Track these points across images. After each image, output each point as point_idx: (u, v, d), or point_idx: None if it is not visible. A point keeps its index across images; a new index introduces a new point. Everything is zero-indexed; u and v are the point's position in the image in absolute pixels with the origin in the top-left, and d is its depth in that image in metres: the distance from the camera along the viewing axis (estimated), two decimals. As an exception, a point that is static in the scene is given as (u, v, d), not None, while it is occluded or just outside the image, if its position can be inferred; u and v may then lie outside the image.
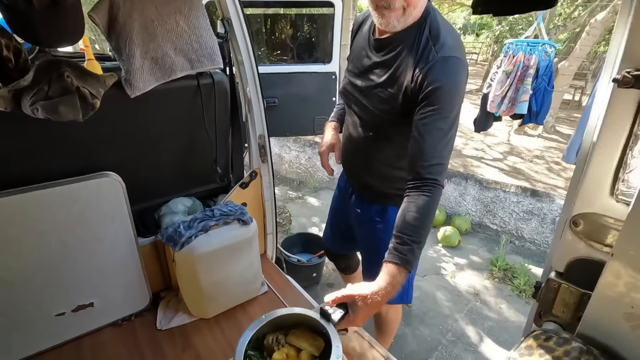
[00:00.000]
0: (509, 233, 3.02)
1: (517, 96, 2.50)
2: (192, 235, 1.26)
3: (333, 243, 1.67)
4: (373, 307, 0.80)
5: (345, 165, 1.39)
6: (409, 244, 0.86)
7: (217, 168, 1.38)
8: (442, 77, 0.91)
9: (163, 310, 1.42)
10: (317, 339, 0.85)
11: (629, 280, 0.53)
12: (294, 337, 0.84)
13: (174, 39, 1.11)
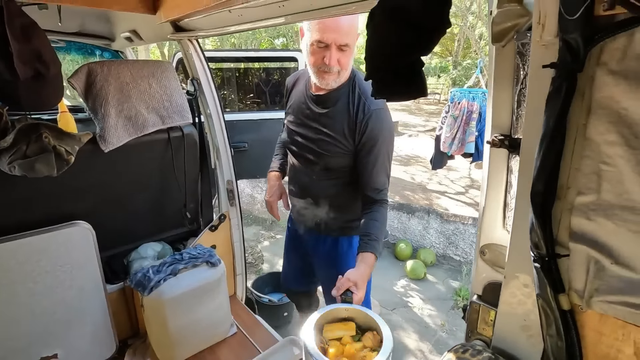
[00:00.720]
0: (470, 264, 3.19)
1: (465, 137, 2.78)
2: (161, 280, 1.31)
3: (294, 281, 1.74)
4: (365, 284, 1.09)
5: (296, 208, 1.51)
6: (377, 239, 1.19)
7: (186, 213, 1.46)
8: (379, 124, 1.20)
9: (130, 358, 1.42)
10: (347, 324, 0.97)
11: (520, 297, 0.66)
12: (329, 332, 0.94)
13: (147, 99, 1.24)
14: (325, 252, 1.46)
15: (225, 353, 1.45)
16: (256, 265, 3.12)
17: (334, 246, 1.45)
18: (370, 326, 0.96)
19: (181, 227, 1.63)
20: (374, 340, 0.93)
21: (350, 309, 0.98)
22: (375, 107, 1.20)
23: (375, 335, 0.94)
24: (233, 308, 1.69)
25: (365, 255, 1.16)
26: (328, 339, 0.91)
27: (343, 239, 1.44)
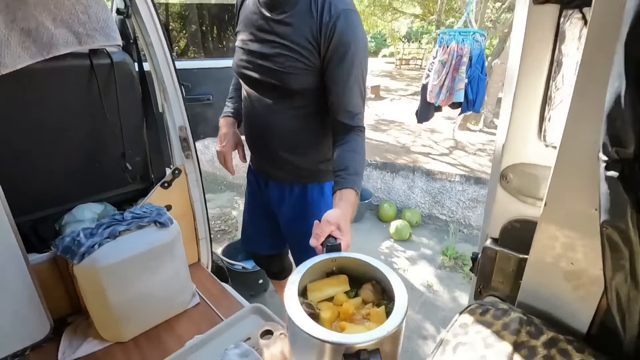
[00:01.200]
0: (457, 222, 3.06)
1: (454, 85, 2.55)
2: (95, 244, 1.06)
3: (259, 244, 1.49)
4: (349, 226, 0.87)
5: (256, 153, 1.26)
6: (357, 173, 0.96)
7: (126, 164, 1.19)
8: (351, 28, 0.96)
9: (69, 339, 1.19)
10: (337, 278, 0.76)
11: (566, 234, 0.45)
12: (317, 292, 0.73)
13: (52, 8, 0.93)
14: (292, 205, 1.22)
15: (184, 326, 1.24)
16: (230, 233, 2.89)
17: (302, 196, 1.20)
18: (367, 276, 0.76)
19: (127, 185, 1.37)
20: (375, 291, 0.73)
21: (338, 258, 0.76)
22: (343, 7, 0.95)
23: (375, 286, 0.74)
24: (196, 276, 1.48)
25: (345, 192, 0.93)
26: (317, 302, 0.70)
27: (313, 187, 1.20)
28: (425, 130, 7.01)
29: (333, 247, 0.79)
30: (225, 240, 2.74)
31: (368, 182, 3.34)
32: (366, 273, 0.76)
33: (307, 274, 0.72)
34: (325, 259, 0.75)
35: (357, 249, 2.09)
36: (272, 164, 1.20)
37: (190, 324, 1.26)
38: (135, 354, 1.15)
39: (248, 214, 1.42)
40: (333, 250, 0.78)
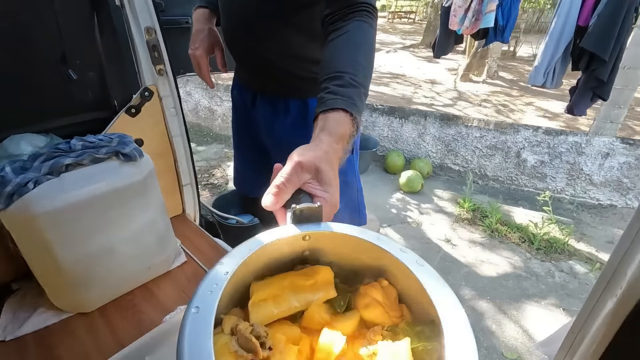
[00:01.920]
0: (471, 172, 2.80)
1: (482, 8, 2.16)
2: (29, 182, 0.73)
3: (249, 184, 1.20)
4: (337, 176, 0.49)
5: (239, 57, 0.95)
6: (355, 85, 0.57)
7: (68, 72, 0.83)
8: None
9: (12, 311, 0.90)
10: (313, 271, 0.41)
11: None
12: (269, 303, 0.38)
13: None
14: (286, 128, 0.92)
15: (167, 292, 0.96)
16: (219, 187, 2.58)
17: (300, 115, 0.90)
18: (369, 269, 0.42)
19: (81, 111, 1.02)
20: (387, 300, 0.40)
21: (314, 234, 0.41)
22: None
23: (387, 289, 0.40)
24: (181, 231, 1.18)
25: (331, 116, 0.54)
26: (265, 325, 0.36)
27: (312, 101, 0.89)
28: (425, 82, 6.62)
29: (305, 213, 0.42)
30: (215, 195, 2.45)
31: (374, 129, 3.01)
32: (366, 263, 0.41)
33: (252, 264, 0.36)
34: (291, 236, 0.39)
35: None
36: (260, 72, 0.90)
37: (176, 289, 0.98)
38: (103, 327, 0.87)
39: (235, 145, 1.15)
40: (306, 219, 0.42)
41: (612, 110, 2.51)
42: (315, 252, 0.42)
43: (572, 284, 1.94)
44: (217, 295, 0.30)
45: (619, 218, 2.58)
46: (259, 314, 0.36)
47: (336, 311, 0.39)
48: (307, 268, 0.42)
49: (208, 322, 0.28)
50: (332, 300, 0.39)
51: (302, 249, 0.42)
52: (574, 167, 2.64)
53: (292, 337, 0.36)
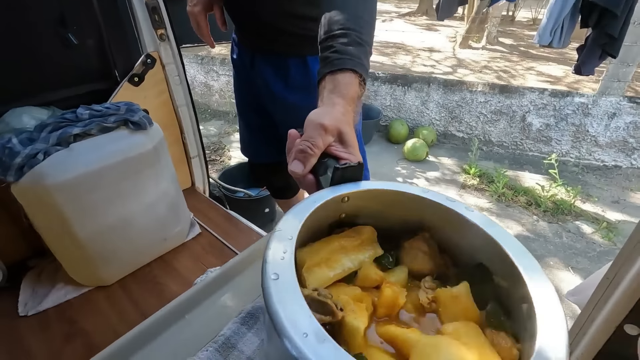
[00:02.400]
0: (476, 138, 2.77)
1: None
2: (38, 153, 0.71)
3: (255, 150, 1.18)
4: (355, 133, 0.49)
5: (239, 19, 0.91)
6: (361, 43, 0.53)
7: (68, 35, 0.79)
8: None
9: (31, 287, 0.90)
10: (356, 232, 0.41)
11: None
12: (323, 267, 0.37)
13: None
14: (289, 86, 0.89)
15: (184, 263, 0.95)
16: (222, 163, 2.55)
17: (301, 73, 0.88)
18: (410, 224, 0.42)
19: (83, 82, 0.97)
20: (431, 251, 0.40)
21: (353, 194, 0.39)
22: None
23: (428, 241, 0.41)
24: (192, 204, 1.16)
25: (340, 77, 0.51)
26: (324, 288, 0.35)
27: (312, 59, 0.88)
28: (423, 50, 6.44)
29: (343, 173, 0.40)
30: (216, 171, 2.42)
31: (376, 99, 2.95)
32: (404, 219, 0.40)
33: (306, 227, 0.35)
34: (329, 199, 0.37)
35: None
36: (259, 31, 0.86)
37: (193, 260, 0.97)
38: (124, 299, 0.87)
39: (239, 111, 1.12)
40: (343, 180, 0.40)
41: (620, 69, 2.45)
42: (353, 214, 0.41)
43: (580, 243, 1.95)
44: (291, 261, 0.29)
45: (624, 178, 2.58)
46: (316, 278, 0.35)
47: (386, 267, 0.39)
48: (349, 230, 0.41)
49: (294, 287, 0.27)
50: (379, 258, 0.39)
51: (340, 211, 0.41)
52: (580, 129, 2.61)
53: (354, 296, 0.35)
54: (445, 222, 0.39)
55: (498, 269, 0.35)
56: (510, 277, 0.32)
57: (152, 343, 0.38)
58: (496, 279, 0.35)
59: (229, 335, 0.36)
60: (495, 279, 0.35)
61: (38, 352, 0.75)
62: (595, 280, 0.61)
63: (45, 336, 0.78)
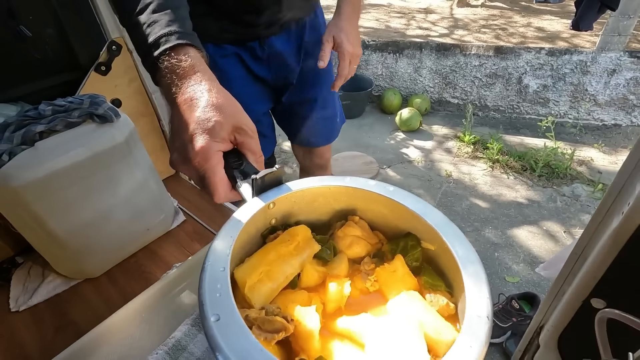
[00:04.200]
0: (471, 104, 2.71)
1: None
2: (3, 154, 0.70)
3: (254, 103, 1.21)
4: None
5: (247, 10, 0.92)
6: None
7: (20, 28, 0.76)
8: None
9: (22, 283, 0.92)
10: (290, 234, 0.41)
11: None
12: (266, 282, 0.37)
13: None
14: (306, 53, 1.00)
15: (170, 251, 0.96)
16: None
17: (297, 35, 0.98)
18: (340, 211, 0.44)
19: (48, 74, 0.95)
20: (364, 233, 0.42)
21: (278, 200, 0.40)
22: None
23: (361, 224, 0.43)
24: (176, 190, 1.17)
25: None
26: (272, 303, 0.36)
27: (307, 20, 0.97)
28: (419, 12, 6.18)
29: (264, 182, 0.39)
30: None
31: (367, 68, 2.87)
32: (335, 208, 0.42)
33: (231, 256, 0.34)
34: (258, 210, 0.38)
35: (361, 146, 1.84)
36: (269, 10, 0.89)
37: (178, 247, 0.98)
38: (112, 289, 0.89)
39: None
40: (265, 187, 0.39)
41: (620, 22, 2.34)
42: (283, 217, 0.42)
43: (574, 207, 1.95)
44: (229, 296, 0.28)
45: (623, 137, 2.53)
46: (260, 296, 0.36)
47: (326, 261, 0.40)
48: (283, 233, 0.41)
49: (241, 325, 0.26)
50: (318, 254, 0.40)
51: (269, 218, 0.41)
52: (578, 88, 2.53)
53: (302, 301, 0.36)
54: (370, 202, 0.42)
55: (424, 235, 0.39)
56: (436, 240, 0.36)
57: (109, 344, 0.39)
58: (424, 244, 0.39)
59: (179, 338, 0.37)
60: (424, 244, 0.39)
61: (31, 344, 0.78)
62: (566, 254, 0.61)
63: (38, 329, 0.81)
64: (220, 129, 0.36)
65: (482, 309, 0.29)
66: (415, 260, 0.39)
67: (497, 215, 1.88)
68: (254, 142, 0.39)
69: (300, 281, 0.38)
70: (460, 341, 0.26)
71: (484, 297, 0.30)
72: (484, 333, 0.28)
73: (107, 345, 0.41)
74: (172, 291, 0.47)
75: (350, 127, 2.71)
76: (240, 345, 0.25)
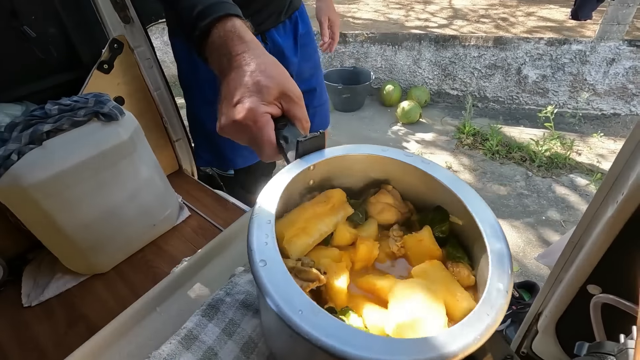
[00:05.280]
0: (470, 95, 2.72)
1: None
2: (11, 153, 0.71)
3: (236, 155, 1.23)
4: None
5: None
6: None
7: (24, 29, 0.77)
8: None
9: (32, 279, 0.94)
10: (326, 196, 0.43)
11: None
12: (301, 236, 0.39)
13: None
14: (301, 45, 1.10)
15: (176, 246, 0.98)
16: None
17: (292, 29, 1.08)
18: (373, 179, 0.45)
19: (51, 73, 0.96)
20: (396, 200, 0.44)
21: (318, 163, 0.41)
22: None
23: (392, 192, 0.44)
24: (180, 187, 1.18)
25: None
26: (306, 256, 0.38)
27: (297, 15, 1.07)
28: (417, 2, 6.14)
29: (306, 145, 0.41)
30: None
31: (366, 61, 2.86)
32: (370, 176, 0.44)
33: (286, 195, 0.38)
34: (300, 170, 0.39)
35: (361, 138, 1.87)
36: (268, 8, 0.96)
37: (184, 242, 1.00)
38: (121, 285, 0.91)
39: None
40: (307, 151, 0.41)
41: (619, 10, 2.33)
42: (321, 180, 0.44)
43: (573, 196, 1.97)
44: (274, 246, 0.31)
45: (622, 127, 2.54)
46: (297, 248, 0.38)
47: (357, 224, 0.43)
48: (319, 195, 0.43)
49: (282, 271, 0.30)
50: (351, 216, 0.43)
51: (308, 179, 0.43)
52: (577, 77, 2.53)
53: (333, 257, 0.39)
54: (404, 174, 0.43)
55: (453, 210, 0.40)
56: (464, 216, 0.38)
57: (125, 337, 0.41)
58: (452, 219, 0.41)
59: (191, 328, 0.39)
60: (452, 218, 0.41)
61: (44, 338, 0.81)
62: (563, 242, 0.63)
63: (50, 323, 0.83)
64: (268, 93, 0.38)
65: (504, 283, 0.31)
66: (442, 232, 0.41)
67: (497, 206, 1.90)
68: (301, 109, 0.41)
69: (333, 240, 0.41)
70: (478, 309, 0.28)
71: (506, 272, 0.32)
72: (502, 305, 0.29)
73: (124, 337, 0.43)
74: (183, 284, 0.49)
75: (350, 120, 2.71)
76: (283, 288, 0.28)
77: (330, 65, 2.99)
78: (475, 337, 0.27)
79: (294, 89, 0.41)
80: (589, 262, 0.56)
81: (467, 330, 0.27)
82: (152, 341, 0.41)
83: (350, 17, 5.00)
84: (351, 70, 2.87)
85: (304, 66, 1.14)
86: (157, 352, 0.36)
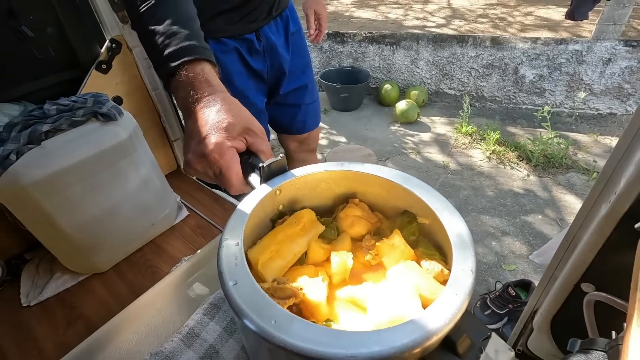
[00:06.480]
0: (468, 95, 2.72)
1: None
2: (10, 153, 0.72)
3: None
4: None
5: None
6: None
7: (22, 29, 0.77)
8: None
9: (31, 279, 0.94)
10: (297, 217, 0.44)
11: None
12: (277, 259, 0.40)
13: None
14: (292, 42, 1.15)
15: (175, 246, 0.99)
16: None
17: (283, 27, 1.12)
18: (341, 195, 0.47)
19: (49, 73, 0.96)
20: (364, 213, 0.45)
21: (283, 186, 0.43)
22: None
23: (361, 205, 0.46)
24: (178, 186, 1.19)
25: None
26: (283, 277, 0.39)
27: (290, 9, 1.13)
28: (415, 2, 6.15)
29: (270, 170, 0.42)
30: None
31: (364, 61, 2.87)
32: (336, 193, 0.45)
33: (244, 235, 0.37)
34: (263, 197, 0.40)
35: (359, 138, 1.88)
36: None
37: (182, 241, 1.01)
38: (119, 283, 0.91)
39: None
40: (271, 175, 0.42)
41: (615, 10, 2.34)
42: (289, 203, 0.45)
43: (569, 196, 1.99)
44: (244, 265, 0.32)
45: (618, 126, 2.56)
46: (272, 271, 0.39)
47: (331, 240, 0.44)
48: (290, 217, 0.44)
49: (253, 286, 0.30)
50: (324, 233, 0.44)
51: (276, 204, 0.44)
52: (574, 77, 2.55)
53: (309, 274, 0.40)
54: (367, 185, 0.45)
55: (419, 211, 0.42)
56: (429, 214, 0.39)
57: (124, 335, 0.42)
58: (419, 219, 0.42)
59: (192, 326, 0.40)
60: (419, 219, 0.42)
61: (43, 337, 0.81)
62: (558, 241, 0.64)
63: (49, 323, 0.84)
64: (233, 129, 0.40)
65: (467, 264, 0.32)
66: (412, 234, 0.42)
67: (494, 205, 1.91)
68: (264, 142, 0.43)
69: (308, 258, 0.42)
70: (446, 291, 0.29)
71: (468, 254, 0.33)
72: (468, 284, 0.31)
73: (124, 334, 0.43)
74: (183, 283, 0.50)
75: (348, 119, 2.72)
76: (256, 302, 0.29)
77: (328, 64, 2.99)
78: (446, 318, 0.28)
79: (257, 125, 0.43)
80: (582, 260, 0.57)
81: (438, 313, 0.28)
82: (151, 339, 0.41)
83: (348, 16, 5.00)
84: (349, 70, 2.88)
85: (295, 63, 1.18)
86: (159, 350, 0.37)
